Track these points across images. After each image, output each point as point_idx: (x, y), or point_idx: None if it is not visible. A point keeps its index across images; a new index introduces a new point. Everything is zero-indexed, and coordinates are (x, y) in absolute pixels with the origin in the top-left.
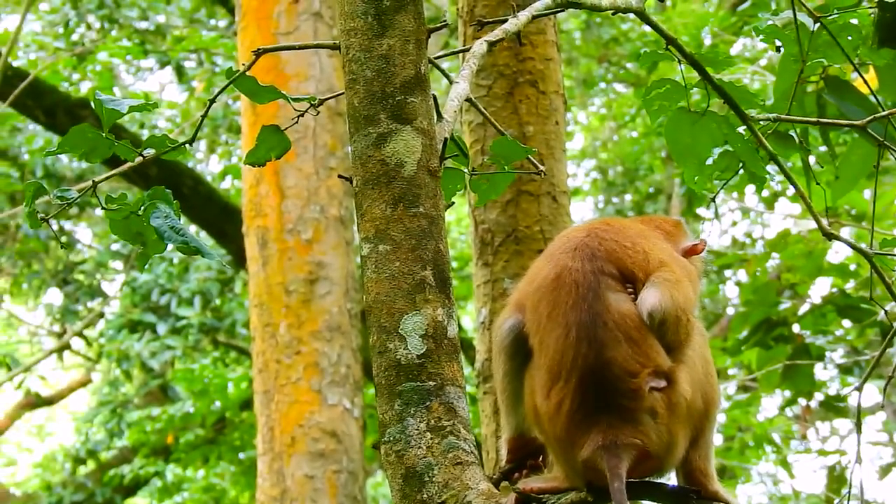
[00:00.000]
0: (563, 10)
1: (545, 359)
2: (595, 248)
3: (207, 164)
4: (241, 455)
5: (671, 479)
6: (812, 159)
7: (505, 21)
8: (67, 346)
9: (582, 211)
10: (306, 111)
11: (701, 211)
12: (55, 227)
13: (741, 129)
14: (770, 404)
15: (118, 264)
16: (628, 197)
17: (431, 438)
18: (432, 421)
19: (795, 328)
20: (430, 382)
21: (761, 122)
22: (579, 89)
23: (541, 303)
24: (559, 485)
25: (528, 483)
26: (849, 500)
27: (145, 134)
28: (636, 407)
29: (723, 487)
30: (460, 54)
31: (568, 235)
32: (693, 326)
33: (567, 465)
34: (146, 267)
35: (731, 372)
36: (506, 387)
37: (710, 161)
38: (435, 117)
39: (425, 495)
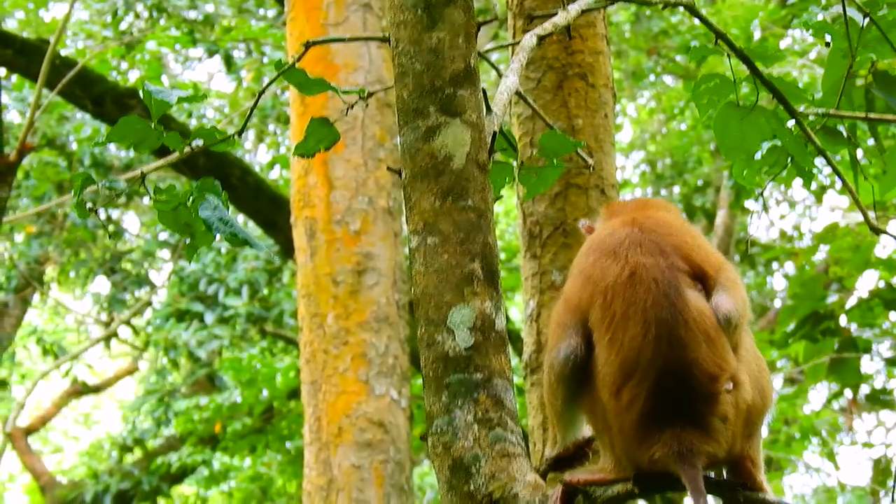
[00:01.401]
0: (612, 4)
1: (617, 356)
2: (661, 244)
3: (256, 155)
4: (288, 444)
5: None
6: (860, 153)
7: (555, 14)
8: (114, 335)
9: None
10: (355, 103)
11: (749, 204)
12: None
13: (790, 123)
14: (817, 397)
15: (165, 253)
16: (676, 189)
17: (479, 430)
18: (480, 413)
19: (842, 321)
20: (478, 374)
21: (810, 117)
22: (628, 82)
23: (615, 300)
24: (605, 476)
25: (574, 474)
26: (895, 492)
27: (193, 123)
28: (711, 412)
29: (766, 479)
30: (510, 47)
31: (616, 231)
32: (746, 326)
33: (627, 459)
34: (194, 257)
35: (778, 364)
36: (564, 409)
37: (758, 155)
38: (484, 110)
39: (472, 487)
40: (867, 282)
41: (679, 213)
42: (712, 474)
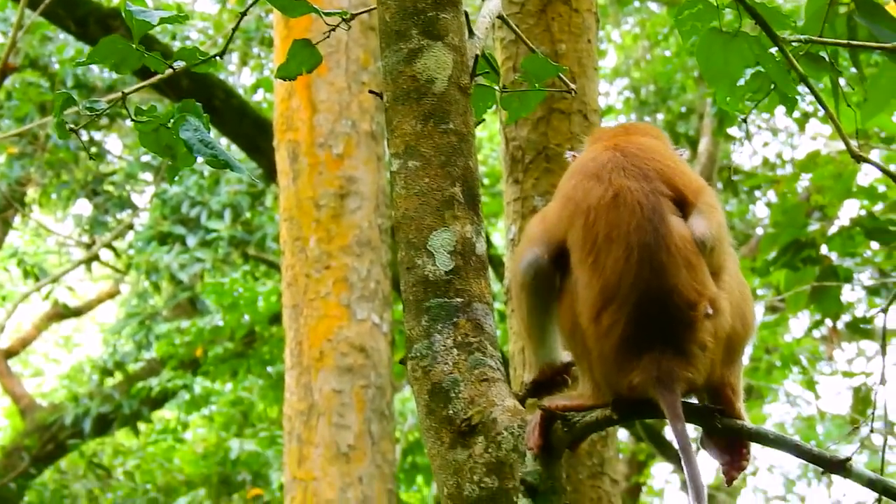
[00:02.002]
0: None
1: (599, 280)
2: (644, 168)
3: (239, 77)
4: (270, 369)
5: None
6: (842, 81)
7: None
8: (96, 258)
9: None
10: (338, 26)
11: (732, 131)
12: (85, 137)
13: (773, 50)
14: (797, 325)
15: (148, 176)
16: (660, 116)
17: (458, 355)
18: (459, 337)
19: (824, 250)
20: (458, 299)
21: (793, 44)
22: (612, 7)
23: (597, 222)
24: (584, 402)
25: (553, 400)
26: (873, 421)
27: (177, 46)
28: (691, 339)
29: (745, 407)
30: None
31: (598, 155)
32: (727, 250)
33: (606, 384)
34: (175, 179)
35: (759, 292)
36: (532, 322)
37: (741, 82)
38: (466, 34)
39: (451, 411)
40: (849, 210)
41: (664, 138)
42: (695, 400)
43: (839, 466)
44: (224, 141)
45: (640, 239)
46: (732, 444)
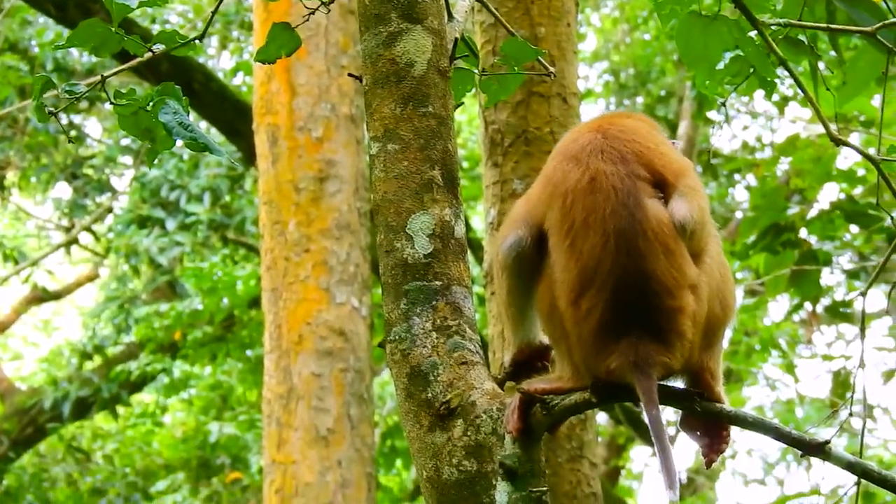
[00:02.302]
0: None
1: (577, 264)
2: (622, 151)
3: (219, 61)
4: (249, 353)
5: None
6: (821, 65)
7: None
8: (75, 241)
9: (593, 113)
10: (317, 9)
11: (711, 114)
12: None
13: (752, 33)
14: (777, 309)
15: (127, 159)
16: (640, 99)
17: (437, 338)
18: (438, 320)
19: (803, 233)
20: (437, 282)
21: (772, 27)
22: None
23: (574, 206)
24: (563, 385)
25: (532, 384)
26: (852, 404)
27: (157, 29)
28: (668, 325)
29: (724, 391)
30: None
31: (580, 137)
32: (710, 233)
33: (585, 368)
34: (155, 162)
35: (739, 276)
36: (512, 303)
37: (720, 65)
38: (446, 17)
39: (430, 394)
40: (828, 194)
41: (649, 121)
42: (680, 384)
43: (818, 449)
44: (203, 124)
45: (617, 224)
46: (712, 427)
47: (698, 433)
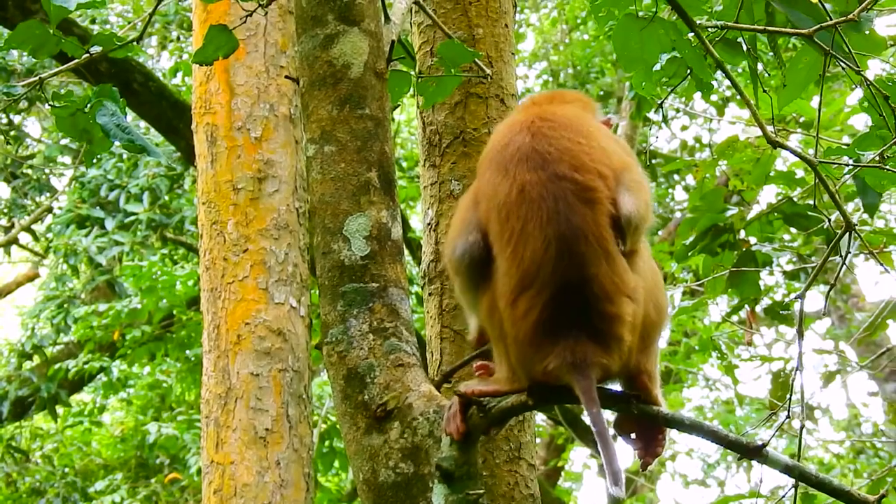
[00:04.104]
0: None
1: (518, 269)
2: (546, 153)
3: (158, 61)
4: (188, 352)
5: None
6: (761, 67)
7: None
8: (15, 241)
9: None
10: (255, 11)
11: (651, 115)
12: (3, 120)
13: (689, 35)
14: (716, 310)
15: (67, 159)
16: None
17: (374, 340)
18: (375, 322)
19: (742, 234)
20: (374, 284)
21: (709, 30)
22: None
23: (510, 218)
24: (500, 388)
25: (469, 386)
26: (790, 406)
27: (97, 29)
28: (608, 331)
29: (662, 393)
30: None
31: (509, 142)
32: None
33: (522, 369)
34: (94, 163)
35: (678, 277)
36: (469, 299)
37: (657, 67)
38: (383, 19)
39: (366, 396)
40: (767, 195)
41: (584, 100)
42: (620, 388)
43: (755, 452)
44: (143, 124)
45: (556, 231)
46: (647, 430)
47: (633, 436)
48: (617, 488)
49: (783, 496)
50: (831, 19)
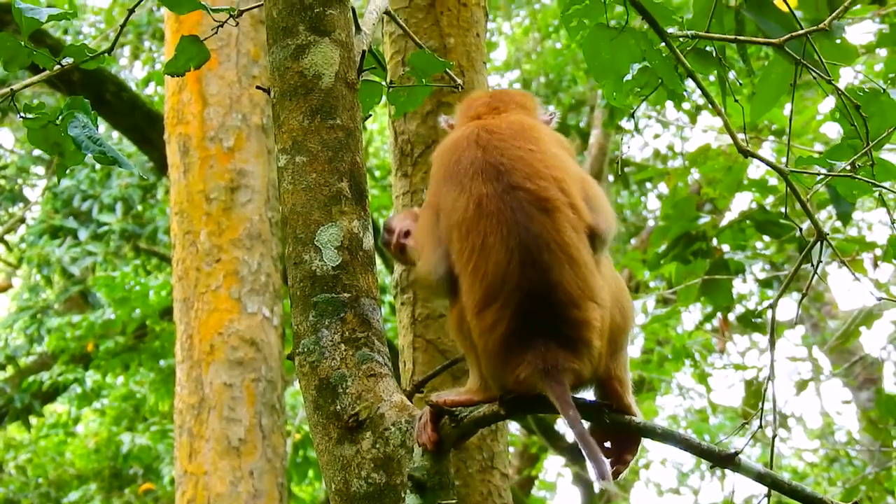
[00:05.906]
0: None
1: (480, 283)
2: (499, 164)
3: (131, 71)
4: (161, 363)
5: None
6: (732, 75)
7: None
8: None
9: None
10: (226, 21)
11: (623, 123)
12: None
13: (660, 45)
14: (689, 318)
15: (40, 170)
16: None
17: (346, 350)
18: (347, 332)
19: (714, 242)
20: (345, 294)
21: (680, 39)
22: (504, 0)
23: (469, 234)
24: (472, 397)
25: (441, 396)
26: (762, 415)
27: (69, 40)
28: (577, 336)
29: (634, 399)
30: None
31: (461, 154)
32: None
33: (493, 379)
34: (66, 173)
35: (651, 285)
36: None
37: (628, 77)
38: (354, 29)
39: (338, 407)
40: (739, 203)
41: (534, 106)
42: (589, 395)
43: (728, 460)
44: (115, 134)
45: (518, 241)
46: (619, 438)
47: (605, 444)
48: (606, 480)
49: None
50: (802, 28)
